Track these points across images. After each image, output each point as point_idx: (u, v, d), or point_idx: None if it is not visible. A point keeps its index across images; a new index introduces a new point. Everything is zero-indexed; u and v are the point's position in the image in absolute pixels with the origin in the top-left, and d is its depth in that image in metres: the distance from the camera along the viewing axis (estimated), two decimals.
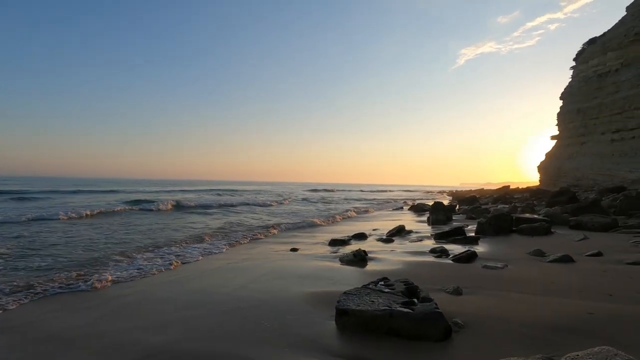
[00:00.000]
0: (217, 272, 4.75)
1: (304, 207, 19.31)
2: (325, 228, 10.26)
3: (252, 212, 15.21)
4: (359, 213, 15.74)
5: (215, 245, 6.84)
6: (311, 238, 8.17)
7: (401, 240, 6.98)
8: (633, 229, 6.54)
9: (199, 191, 36.16)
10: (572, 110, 42.67)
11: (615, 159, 32.09)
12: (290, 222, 11.46)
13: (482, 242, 6.19)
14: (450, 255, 4.98)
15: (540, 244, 5.54)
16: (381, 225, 10.40)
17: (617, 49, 37.83)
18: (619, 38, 38.52)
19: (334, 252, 5.97)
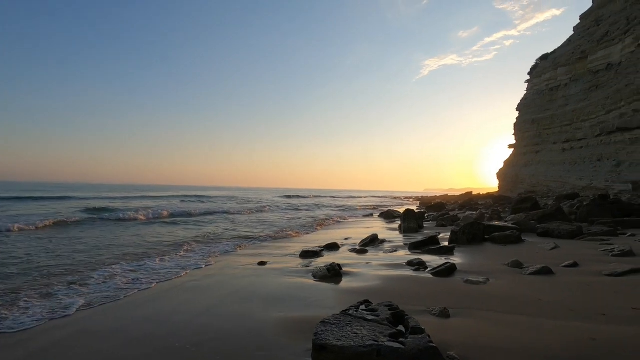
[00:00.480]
0: (175, 292, 4.17)
1: (276, 214, 18.72)
2: (295, 237, 9.81)
3: (225, 220, 14.42)
4: (330, 220, 15.44)
5: (177, 260, 6.18)
6: (281, 249, 7.70)
7: (375, 251, 6.70)
8: (597, 236, 6.71)
9: (166, 197, 34.25)
10: (528, 120, 45.44)
11: (566, 167, 34.42)
12: (261, 232, 10.90)
13: (457, 251, 6.04)
14: (429, 269, 4.74)
15: (515, 254, 5.47)
16: (353, 234, 10.12)
17: (566, 64, 40.83)
18: (567, 55, 41.62)
19: (306, 265, 5.55)
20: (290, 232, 10.87)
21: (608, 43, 35.38)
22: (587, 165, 30.38)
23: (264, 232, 10.68)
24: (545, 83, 44.08)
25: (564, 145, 37.08)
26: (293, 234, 10.45)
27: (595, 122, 31.85)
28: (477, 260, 5.31)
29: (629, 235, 6.77)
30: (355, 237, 9.17)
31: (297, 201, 37.64)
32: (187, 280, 4.77)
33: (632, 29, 32.25)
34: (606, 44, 35.59)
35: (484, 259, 5.33)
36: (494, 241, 6.74)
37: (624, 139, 26.80)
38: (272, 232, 10.81)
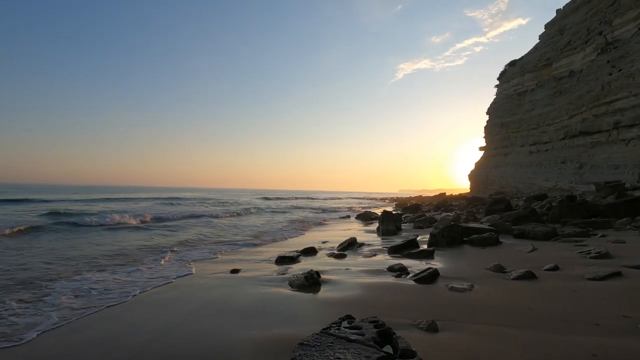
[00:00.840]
0: (133, 308, 3.72)
1: (252, 217, 18.17)
2: (271, 241, 9.42)
3: (197, 224, 13.74)
4: (308, 223, 15.13)
5: (140, 271, 5.65)
6: (255, 254, 7.31)
7: (354, 255, 6.46)
8: (570, 237, 6.81)
9: (137, 199, 32.54)
10: (497, 124, 47.12)
11: (533, 168, 35.91)
12: (235, 236, 10.42)
13: (437, 255, 5.91)
14: (411, 274, 4.54)
15: (495, 257, 5.39)
16: (331, 237, 9.87)
17: (532, 71, 42.67)
18: (534, 62, 43.52)
19: (282, 272, 5.21)
20: (266, 235, 10.47)
21: (570, 51, 37.32)
22: (553, 167, 31.83)
23: (238, 236, 10.21)
24: (513, 88, 45.93)
25: (531, 147, 38.72)
26: (269, 237, 10.06)
27: (559, 126, 33.44)
28: (458, 264, 5.17)
29: (599, 236, 6.91)
30: (333, 240, 8.92)
31: (274, 203, 37.05)
32: (149, 293, 4.31)
33: (592, 39, 34.16)
34: (569, 52, 37.53)
35: (465, 263, 5.21)
36: (472, 243, 6.68)
37: (585, 142, 28.26)
38: (247, 236, 10.37)
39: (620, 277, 3.80)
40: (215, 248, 8.04)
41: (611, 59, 27.88)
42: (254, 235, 10.51)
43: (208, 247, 8.23)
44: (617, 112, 25.20)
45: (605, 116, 26.35)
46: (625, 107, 24.53)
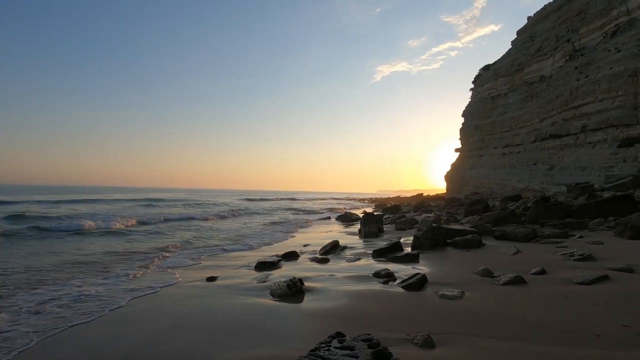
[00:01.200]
0: (96, 326, 3.32)
1: (229, 220, 17.61)
2: (250, 245, 9.05)
3: (177, 228, 13.11)
4: (288, 225, 14.80)
5: (105, 282, 5.18)
6: (234, 259, 6.94)
7: (337, 260, 6.24)
8: (550, 239, 6.87)
9: (111, 201, 30.88)
10: (472, 126, 48.43)
11: (506, 170, 37.10)
12: (211, 239, 9.96)
13: (422, 258, 5.77)
14: (398, 281, 4.36)
15: (480, 260, 5.31)
16: (312, 239, 9.61)
17: (505, 75, 44.12)
18: (507, 67, 45.01)
19: (262, 280, 4.90)
20: (245, 239, 10.09)
21: (541, 57, 38.88)
22: (525, 168, 32.99)
23: (215, 240, 9.77)
24: (487, 92, 47.37)
25: (504, 149, 40.03)
26: (248, 241, 9.67)
27: (530, 129, 34.72)
28: (445, 268, 5.05)
29: (577, 237, 7.03)
30: (315, 243, 8.66)
31: (254, 204, 36.37)
32: (114, 309, 3.89)
33: (561, 46, 35.71)
34: (539, 58, 39.08)
35: (451, 267, 5.09)
36: (456, 245, 6.61)
37: (555, 145, 29.45)
38: (225, 239, 9.93)
39: (608, 280, 3.77)
40: (191, 253, 7.60)
41: (579, 65, 29.19)
42: (232, 238, 10.09)
43: (182, 252, 7.76)
44: (584, 117, 26.38)
45: (573, 120, 27.54)
46: (591, 112, 25.71)
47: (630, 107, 23.00)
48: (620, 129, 23.20)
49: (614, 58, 25.00)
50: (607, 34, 27.53)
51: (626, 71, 23.38)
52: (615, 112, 23.71)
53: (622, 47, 24.80)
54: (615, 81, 24.03)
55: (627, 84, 23.21)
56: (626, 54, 24.10)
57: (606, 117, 24.34)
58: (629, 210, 9.40)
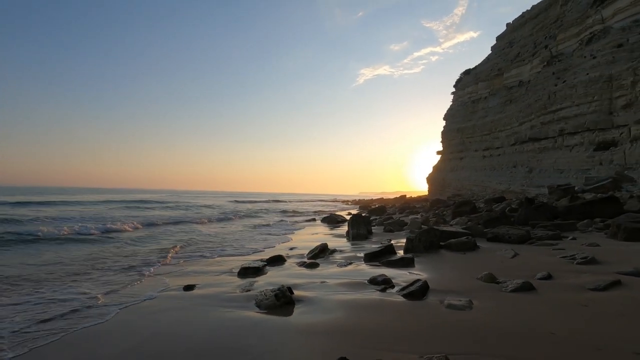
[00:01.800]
0: (52, 349, 2.76)
1: (206, 224, 16.87)
2: (233, 249, 8.50)
3: (157, 232, 12.31)
4: (272, 227, 14.26)
5: (67, 290, 4.55)
6: (215, 264, 6.40)
7: (327, 264, 5.81)
8: (544, 240, 6.70)
9: (88, 203, 29.24)
10: (453, 129, 49.18)
11: (487, 172, 37.76)
12: (190, 243, 9.33)
13: (418, 262, 5.44)
14: (397, 288, 3.98)
15: (479, 264, 5.02)
16: (298, 242, 9.16)
17: (485, 80, 45.04)
18: (487, 71, 45.99)
19: (246, 288, 4.42)
20: (227, 242, 9.51)
21: (519, 63, 39.91)
22: (505, 171, 33.64)
23: (195, 244, 9.15)
24: (468, 95, 48.26)
25: (484, 152, 40.77)
26: (230, 244, 9.11)
27: (510, 133, 35.47)
28: (444, 273, 4.71)
29: (570, 239, 6.89)
30: (301, 246, 8.22)
31: (236, 206, 35.47)
32: (69, 326, 3.32)
33: (538, 52, 36.76)
34: (518, 64, 40.11)
35: (451, 272, 4.76)
36: (450, 248, 6.32)
37: (534, 148, 30.14)
38: (205, 242, 9.32)
39: (621, 286, 3.52)
40: (162, 257, 6.99)
41: (556, 70, 30.03)
42: (214, 242, 9.49)
43: (157, 256, 7.14)
44: (562, 120, 27.11)
45: (551, 124, 28.26)
46: (568, 116, 26.43)
47: (605, 112, 23.76)
48: (596, 133, 23.93)
49: (590, 64, 25.81)
50: (582, 41, 28.45)
51: (602, 77, 24.16)
52: (592, 117, 24.45)
53: (597, 54, 25.64)
54: (591, 86, 24.78)
55: (603, 90, 23.98)
56: (601, 61, 24.92)
57: (583, 121, 25.07)
58: (614, 212, 9.44)
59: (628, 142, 21.12)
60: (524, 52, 40.33)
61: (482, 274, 4.24)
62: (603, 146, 23.05)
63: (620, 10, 25.55)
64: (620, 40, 24.46)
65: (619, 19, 25.53)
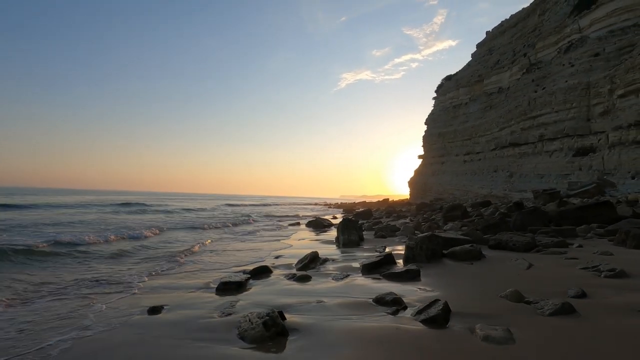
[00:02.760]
0: None
1: (179, 230, 15.75)
2: (210, 257, 7.62)
3: (119, 237, 11.15)
4: (254, 232, 13.37)
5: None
6: (189, 277, 5.54)
7: (320, 277, 5.08)
8: (550, 248, 6.24)
9: (56, 207, 27.13)
10: (435, 134, 49.65)
11: (468, 176, 38.12)
12: (162, 249, 8.37)
13: (424, 275, 4.79)
14: (410, 310, 3.31)
15: (492, 277, 4.44)
16: (283, 249, 8.38)
17: (466, 86, 45.71)
18: (467, 77, 46.72)
19: (226, 310, 3.62)
20: (204, 249, 8.61)
21: (499, 70, 40.70)
22: (486, 175, 34.00)
23: (163, 250, 8.20)
24: (449, 101, 48.89)
25: (465, 157, 41.24)
26: (207, 251, 8.22)
27: (490, 138, 35.96)
28: (460, 289, 4.08)
29: (577, 246, 6.47)
30: (288, 254, 7.46)
31: (214, 208, 34.11)
32: None
33: (517, 60, 37.57)
34: (497, 71, 40.90)
35: (466, 287, 4.14)
36: (454, 257, 5.73)
37: (514, 153, 30.57)
38: (179, 249, 8.38)
39: None
40: (129, 269, 6.05)
41: (535, 78, 30.65)
42: (189, 249, 8.55)
43: (116, 266, 6.18)
44: (542, 126, 27.59)
45: (531, 129, 28.73)
46: (548, 122, 26.92)
47: (583, 119, 24.29)
48: (575, 139, 24.41)
49: (569, 72, 26.42)
50: (561, 49, 29.17)
51: (580, 84, 24.72)
52: (570, 123, 24.95)
53: (575, 62, 26.28)
54: (570, 94, 25.32)
55: (581, 97, 24.53)
56: (579, 69, 25.53)
57: (562, 127, 25.56)
58: (609, 217, 9.21)
59: (606, 148, 21.58)
60: (503, 60, 41.21)
61: (505, 290, 3.63)
62: (582, 152, 23.52)
63: (596, 21, 26.32)
64: (597, 49, 25.16)
65: (596, 29, 26.30)
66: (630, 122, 20.24)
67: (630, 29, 24.27)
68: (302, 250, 7.79)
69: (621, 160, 20.13)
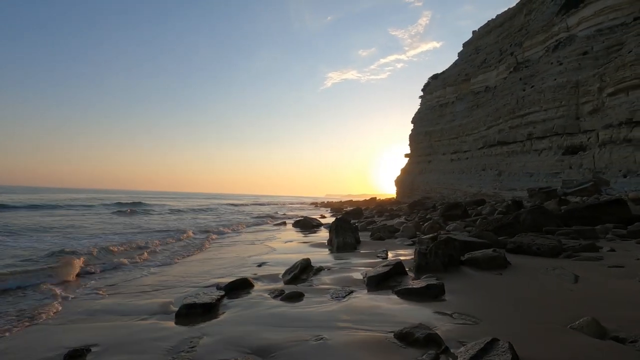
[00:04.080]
0: None
1: (149, 231, 14.30)
2: (176, 263, 6.38)
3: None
4: (235, 233, 12.09)
5: None
6: (144, 293, 4.33)
7: (315, 295, 3.96)
8: (579, 252, 5.34)
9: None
10: (421, 132, 49.30)
11: (456, 175, 37.78)
12: (108, 254, 7.04)
13: (448, 290, 3.74)
14: (456, 352, 2.24)
15: (536, 292, 3.46)
16: (268, 254, 7.22)
17: (453, 84, 45.48)
18: (454, 76, 46.51)
19: (181, 357, 2.47)
20: (173, 254, 7.34)
21: (486, 69, 40.58)
22: (474, 174, 33.66)
23: (121, 256, 6.90)
24: (436, 99, 48.63)
25: (452, 156, 40.95)
26: (176, 257, 6.97)
27: (477, 137, 35.69)
28: (506, 314, 3.04)
29: (608, 250, 5.62)
30: (274, 260, 6.31)
31: (193, 205, 32.40)
32: None
33: (504, 59, 37.46)
34: (484, 70, 40.77)
35: (514, 311, 3.10)
36: (476, 265, 4.74)
37: (502, 151, 30.27)
38: (140, 255, 7.07)
39: None
40: (62, 283, 4.77)
41: (523, 76, 30.45)
42: (153, 255, 7.27)
43: (35, 276, 4.89)
44: (530, 125, 27.33)
45: (519, 128, 28.46)
46: (536, 120, 26.67)
47: (572, 117, 24.07)
48: (564, 137, 24.16)
49: (557, 70, 26.22)
50: (549, 48, 29.02)
51: (569, 83, 24.50)
52: (559, 121, 24.71)
53: (564, 61, 26.09)
54: (558, 92, 25.09)
55: (570, 95, 24.31)
56: (568, 67, 25.34)
57: (551, 125, 25.31)
58: (623, 216, 8.50)
59: (597, 146, 21.34)
60: (490, 59, 41.14)
61: (576, 320, 2.62)
62: (571, 150, 23.28)
63: (585, 19, 26.20)
64: (586, 48, 25.02)
65: (584, 28, 26.18)
66: (621, 120, 20.02)
67: (618, 28, 24.20)
68: (289, 256, 6.67)
69: (612, 159, 19.89)
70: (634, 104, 19.77)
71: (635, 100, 19.89)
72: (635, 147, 18.88)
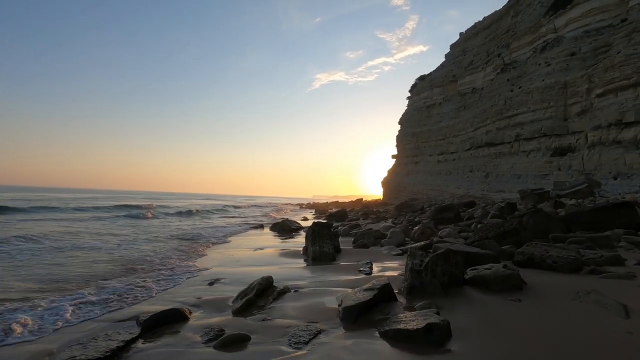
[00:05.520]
0: None
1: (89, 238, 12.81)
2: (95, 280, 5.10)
3: None
4: (197, 235, 10.71)
5: None
6: (27, 347, 3.08)
7: (266, 336, 2.80)
8: (603, 267, 4.38)
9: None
10: (408, 133, 48.79)
11: (442, 176, 37.25)
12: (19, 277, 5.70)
13: (454, 331, 2.65)
14: None
15: (574, 334, 2.40)
16: (229, 265, 6.01)
17: (440, 86, 45.11)
18: (441, 77, 46.17)
19: None
20: (100, 271, 6.03)
21: (473, 70, 40.33)
22: (461, 175, 33.14)
23: (24, 282, 5.56)
24: (423, 101, 48.23)
25: (439, 157, 40.48)
26: (98, 270, 5.66)
27: (464, 138, 35.25)
28: None
29: (635, 264, 4.67)
30: (232, 276, 5.11)
31: (157, 206, 30.66)
32: None
33: (491, 60, 37.22)
34: (471, 71, 40.51)
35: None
36: (485, 286, 3.68)
37: (490, 153, 29.80)
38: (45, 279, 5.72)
39: None
40: None
41: (511, 77, 30.10)
42: (73, 274, 5.95)
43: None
44: (518, 126, 26.90)
45: (507, 129, 28.02)
46: (524, 122, 26.25)
47: (560, 118, 23.70)
48: (552, 139, 23.75)
49: (545, 71, 25.87)
50: (536, 49, 28.73)
51: (557, 84, 24.14)
52: (547, 123, 24.31)
53: (551, 62, 25.77)
54: (546, 93, 24.71)
55: (558, 96, 23.94)
56: (556, 68, 25.00)
57: (539, 126, 24.90)
58: (631, 221, 7.68)
59: (586, 148, 20.92)
60: (477, 60, 40.90)
61: None
62: (560, 152, 22.85)
63: (572, 20, 25.96)
64: (573, 49, 24.74)
65: (572, 29, 25.93)
66: (610, 121, 19.61)
67: (606, 29, 23.99)
68: (253, 269, 5.50)
69: (602, 161, 19.45)
70: (623, 105, 19.41)
71: (625, 101, 19.54)
72: (625, 149, 18.47)
